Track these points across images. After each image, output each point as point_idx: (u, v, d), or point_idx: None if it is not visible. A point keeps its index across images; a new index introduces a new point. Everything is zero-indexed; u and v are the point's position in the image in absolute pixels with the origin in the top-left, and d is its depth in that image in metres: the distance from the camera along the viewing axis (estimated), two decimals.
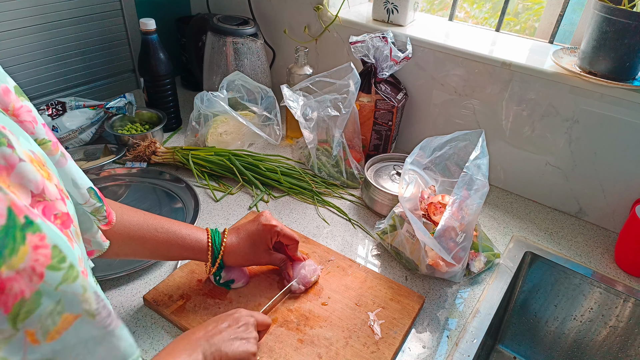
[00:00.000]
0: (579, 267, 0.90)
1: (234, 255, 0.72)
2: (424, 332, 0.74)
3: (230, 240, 0.72)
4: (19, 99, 0.40)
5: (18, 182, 0.33)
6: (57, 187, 0.38)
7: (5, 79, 0.40)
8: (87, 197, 0.49)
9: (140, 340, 0.70)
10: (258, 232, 0.72)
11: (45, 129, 0.43)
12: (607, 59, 0.86)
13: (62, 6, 1.17)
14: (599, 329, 0.93)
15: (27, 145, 0.36)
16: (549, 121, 0.98)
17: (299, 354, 0.67)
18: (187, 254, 0.70)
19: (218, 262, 0.70)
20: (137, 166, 1.08)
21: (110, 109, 1.14)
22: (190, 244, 0.69)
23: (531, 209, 1.06)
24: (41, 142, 0.42)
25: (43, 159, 0.38)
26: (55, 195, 0.37)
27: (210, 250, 0.70)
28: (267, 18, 1.35)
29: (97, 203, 0.51)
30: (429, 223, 0.80)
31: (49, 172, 0.37)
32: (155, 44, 1.14)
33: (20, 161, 0.33)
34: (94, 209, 0.51)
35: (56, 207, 0.36)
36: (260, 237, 0.72)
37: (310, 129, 1.04)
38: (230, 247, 0.71)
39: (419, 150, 0.85)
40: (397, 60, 1.01)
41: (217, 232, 0.72)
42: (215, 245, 0.70)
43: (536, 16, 1.23)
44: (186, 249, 0.69)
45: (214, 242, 0.70)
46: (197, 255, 0.70)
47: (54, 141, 0.43)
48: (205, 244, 0.70)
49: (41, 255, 0.30)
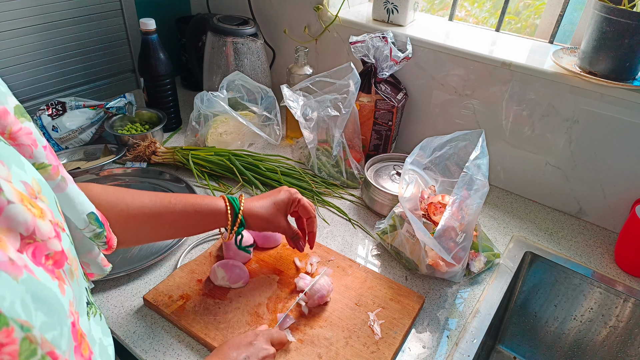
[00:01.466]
0: (579, 267, 0.90)
1: (254, 216, 0.71)
2: (424, 332, 0.74)
3: (249, 204, 0.72)
4: (18, 121, 0.39)
5: (6, 226, 0.31)
6: (52, 221, 0.36)
7: (6, 98, 0.38)
8: (87, 223, 0.47)
9: (140, 340, 0.70)
10: (279, 195, 0.74)
11: (46, 152, 0.41)
12: (607, 59, 0.85)
13: (62, 6, 1.17)
14: (599, 329, 0.93)
15: (21, 174, 0.35)
16: (549, 121, 0.98)
17: (299, 354, 0.67)
18: (206, 221, 0.69)
19: (239, 219, 0.70)
20: (137, 166, 1.08)
21: (110, 109, 1.14)
22: (207, 209, 0.68)
23: (531, 209, 1.06)
24: (40, 166, 0.40)
25: (38, 187, 0.37)
26: (49, 233, 0.35)
27: (230, 209, 0.69)
28: (267, 18, 1.35)
29: (97, 229, 0.49)
30: (429, 223, 0.80)
31: (42, 208, 0.36)
32: (155, 44, 1.14)
33: (8, 204, 0.31)
34: (93, 234, 0.49)
35: (48, 247, 0.35)
36: (282, 202, 0.74)
37: (310, 129, 1.04)
38: (249, 206, 0.71)
39: (419, 150, 0.85)
40: (397, 60, 1.01)
41: (235, 198, 0.71)
42: (235, 203, 0.70)
43: (537, 14, 1.23)
44: (204, 214, 0.68)
45: (233, 202, 0.70)
46: (216, 219, 0.69)
47: (54, 164, 0.42)
48: (224, 206, 0.69)
49: (6, 355, 0.28)
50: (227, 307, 0.74)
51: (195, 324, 0.70)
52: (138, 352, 0.68)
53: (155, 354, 0.68)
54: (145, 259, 0.83)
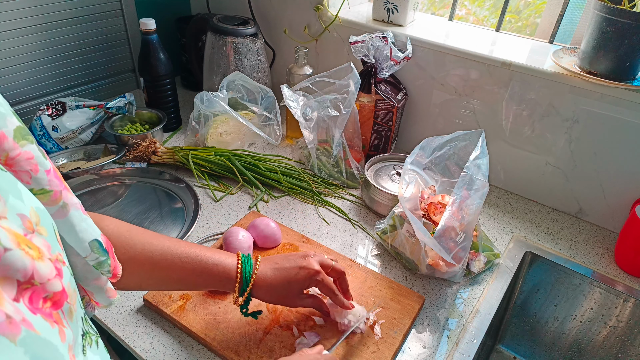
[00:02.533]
0: (579, 267, 0.90)
1: (264, 290, 0.64)
2: (424, 332, 0.74)
3: (263, 272, 0.64)
4: (17, 145, 0.36)
5: (3, 275, 0.30)
6: (52, 258, 0.34)
7: (5, 121, 0.35)
8: (90, 251, 0.44)
9: (140, 340, 0.70)
10: (297, 275, 0.65)
11: (49, 177, 0.39)
12: (607, 59, 0.85)
13: (62, 6, 1.17)
14: (599, 329, 0.93)
15: (18, 206, 0.33)
16: (549, 121, 0.98)
17: None
18: (215, 284, 0.64)
19: (246, 294, 0.63)
20: (137, 166, 1.08)
21: (110, 109, 1.14)
22: (217, 273, 0.62)
23: (531, 209, 1.06)
24: (39, 192, 0.38)
25: (37, 217, 0.35)
26: (48, 274, 0.33)
27: (239, 281, 0.63)
28: (267, 18, 1.35)
29: (101, 257, 0.46)
30: (429, 223, 0.80)
31: (39, 247, 0.34)
32: (155, 44, 1.14)
33: (5, 251, 0.30)
34: (96, 262, 0.46)
35: (47, 289, 0.33)
36: (298, 283, 0.65)
37: (310, 129, 1.04)
38: (261, 281, 0.64)
39: (419, 150, 0.85)
40: (397, 60, 1.01)
41: (249, 260, 0.64)
42: (245, 276, 0.63)
43: (537, 12, 1.23)
44: (214, 278, 0.62)
45: (244, 271, 0.63)
46: (225, 285, 0.63)
47: (56, 190, 0.39)
48: (234, 272, 0.63)
49: None
50: (227, 307, 0.74)
51: (195, 324, 0.70)
52: (138, 352, 0.68)
53: (155, 354, 0.68)
54: None
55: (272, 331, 0.70)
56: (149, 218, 0.94)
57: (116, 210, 0.95)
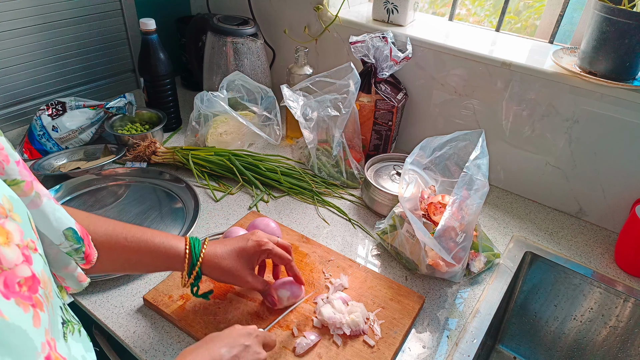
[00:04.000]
0: (579, 267, 0.90)
1: (215, 267, 0.65)
2: (424, 332, 0.74)
3: (212, 250, 0.66)
4: None
5: None
6: (20, 245, 0.35)
7: None
8: (64, 239, 0.46)
9: (140, 340, 0.70)
10: (246, 248, 0.66)
11: (19, 167, 0.40)
12: (607, 59, 0.85)
13: (62, 6, 1.17)
14: (599, 329, 0.93)
15: None
16: (549, 121, 0.98)
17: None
18: (162, 263, 0.65)
19: (195, 271, 0.64)
20: (137, 166, 1.08)
21: (110, 109, 1.14)
22: (164, 252, 0.63)
23: (531, 209, 1.06)
24: (12, 183, 0.39)
25: (10, 205, 0.36)
26: (16, 260, 0.34)
27: (188, 258, 0.64)
28: (267, 18, 1.35)
29: (75, 244, 0.48)
30: (429, 223, 0.80)
31: (9, 232, 0.35)
32: (155, 44, 1.14)
33: None
34: (70, 249, 0.48)
35: (17, 274, 0.33)
36: (248, 253, 0.67)
37: (310, 129, 1.04)
38: (210, 257, 0.65)
39: (419, 150, 0.85)
40: (397, 60, 1.01)
41: (197, 240, 0.66)
42: (194, 252, 0.64)
43: (537, 14, 1.23)
44: (160, 257, 0.63)
45: (192, 249, 0.64)
46: (172, 264, 0.64)
47: (28, 180, 0.41)
48: (183, 251, 0.64)
49: None
50: (227, 307, 0.74)
51: (195, 324, 0.70)
52: (138, 352, 0.68)
53: (155, 354, 0.68)
54: None
55: (272, 331, 0.70)
56: (149, 218, 0.94)
57: (116, 210, 0.95)
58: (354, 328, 0.70)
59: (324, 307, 0.72)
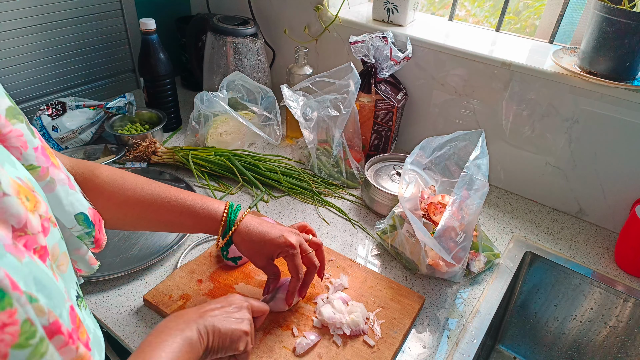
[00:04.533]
0: (579, 267, 0.90)
1: (242, 238, 0.67)
2: (424, 332, 0.74)
3: (247, 222, 0.68)
4: (9, 123, 0.40)
5: (0, 217, 0.33)
6: (42, 217, 0.38)
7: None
8: (75, 223, 0.49)
9: (140, 340, 0.70)
10: (275, 242, 0.67)
11: (37, 154, 0.42)
12: (607, 59, 0.86)
13: (62, 6, 1.17)
14: (599, 329, 0.93)
15: (14, 172, 0.36)
16: (549, 121, 0.98)
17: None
18: (202, 227, 0.67)
19: (228, 237, 0.67)
20: (137, 166, 1.08)
21: (110, 109, 1.14)
22: (204, 215, 0.66)
23: (531, 209, 1.06)
24: (29, 168, 0.41)
25: (31, 184, 0.38)
26: (37, 227, 0.36)
27: (223, 224, 0.66)
28: (267, 18, 1.35)
29: (86, 229, 0.50)
30: (429, 223, 0.80)
31: (35, 201, 0.37)
32: (155, 44, 1.14)
33: (4, 196, 0.33)
34: (81, 234, 0.50)
35: (37, 240, 0.36)
36: (273, 246, 0.67)
37: (310, 129, 1.04)
38: (244, 228, 0.67)
39: (419, 150, 0.85)
40: (397, 60, 1.01)
41: (238, 208, 0.68)
42: (229, 220, 0.67)
43: (537, 14, 1.23)
44: (201, 220, 0.66)
45: (229, 216, 0.67)
46: (209, 227, 0.67)
47: (43, 167, 0.43)
48: (220, 215, 0.66)
49: (7, 334, 0.29)
50: None
51: None
52: None
53: None
54: (145, 259, 0.83)
55: (272, 331, 0.70)
56: None
57: None
58: (354, 328, 0.70)
59: (324, 307, 0.72)
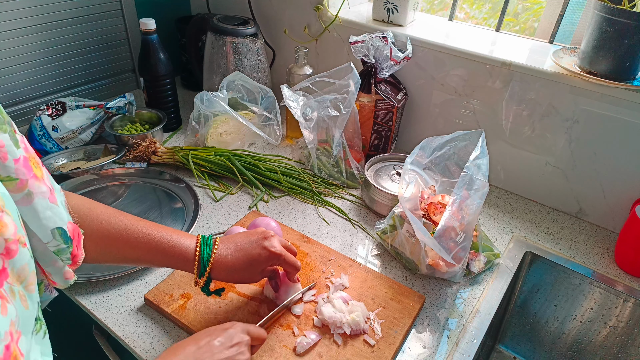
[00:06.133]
0: (579, 267, 0.90)
1: (224, 272, 0.64)
2: (424, 332, 0.74)
3: (222, 254, 0.64)
4: None
5: None
6: (9, 239, 0.37)
7: None
8: (51, 238, 0.47)
9: (140, 340, 0.70)
10: (259, 256, 0.64)
11: (16, 165, 0.42)
12: (607, 59, 0.86)
13: (62, 6, 1.17)
14: (599, 329, 0.93)
15: None
16: (549, 121, 0.98)
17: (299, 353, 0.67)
18: (172, 264, 0.64)
19: (205, 277, 0.63)
20: (137, 166, 1.08)
21: (110, 109, 1.14)
22: (174, 254, 0.62)
23: (531, 209, 1.06)
24: (5, 179, 0.41)
25: (2, 201, 0.38)
26: None
27: (197, 263, 0.62)
28: (267, 18, 1.35)
29: (62, 244, 0.48)
30: (429, 223, 0.80)
31: (6, 224, 0.36)
32: (155, 44, 1.14)
33: None
34: (57, 249, 0.48)
35: None
36: (261, 262, 0.65)
37: (310, 129, 1.04)
38: (220, 263, 0.63)
39: (419, 150, 0.85)
40: (397, 60, 1.01)
41: (209, 242, 0.64)
42: (203, 259, 0.62)
43: (536, 16, 1.23)
44: (170, 258, 0.62)
45: (202, 254, 0.62)
46: (183, 266, 0.63)
47: (22, 179, 0.42)
48: (192, 254, 0.63)
49: None
50: (227, 306, 0.74)
51: (196, 323, 0.70)
52: (138, 352, 0.68)
53: (155, 354, 0.68)
54: None
55: (272, 331, 0.70)
56: (149, 218, 0.93)
57: None
58: (355, 327, 0.70)
59: (324, 307, 0.72)
